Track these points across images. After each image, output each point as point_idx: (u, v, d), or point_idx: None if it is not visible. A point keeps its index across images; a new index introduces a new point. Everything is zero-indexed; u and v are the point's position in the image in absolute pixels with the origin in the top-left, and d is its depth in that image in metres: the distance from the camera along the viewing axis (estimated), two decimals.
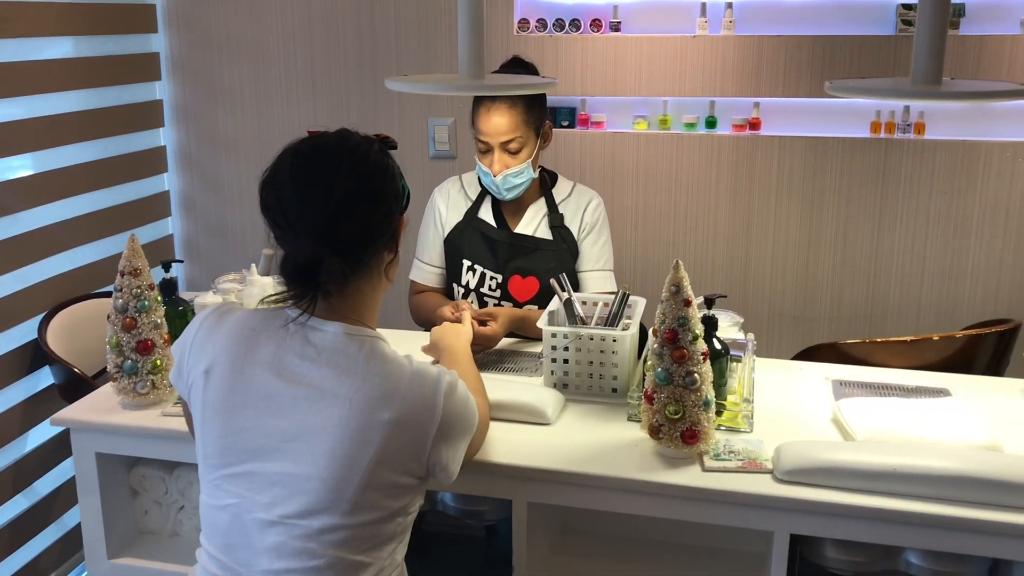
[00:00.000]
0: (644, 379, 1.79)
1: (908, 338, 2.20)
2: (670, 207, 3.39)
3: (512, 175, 2.34)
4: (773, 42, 3.19)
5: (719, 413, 1.83)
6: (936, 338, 2.20)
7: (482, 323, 2.18)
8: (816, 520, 1.60)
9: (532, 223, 2.47)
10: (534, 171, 2.41)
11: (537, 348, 2.29)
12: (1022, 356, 2.00)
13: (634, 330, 2.01)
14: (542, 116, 2.39)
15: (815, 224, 3.28)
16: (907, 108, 3.16)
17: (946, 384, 2.07)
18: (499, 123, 2.30)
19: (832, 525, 1.60)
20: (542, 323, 2.02)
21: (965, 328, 2.46)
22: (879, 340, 2.21)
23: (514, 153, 2.33)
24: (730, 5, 3.20)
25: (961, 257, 3.20)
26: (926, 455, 1.60)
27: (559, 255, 2.43)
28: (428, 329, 2.15)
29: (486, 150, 2.34)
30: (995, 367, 2.33)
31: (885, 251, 3.24)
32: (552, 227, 2.45)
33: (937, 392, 2.02)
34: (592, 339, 1.97)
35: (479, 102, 2.35)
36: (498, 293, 2.45)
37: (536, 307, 2.43)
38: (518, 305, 2.44)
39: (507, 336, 2.32)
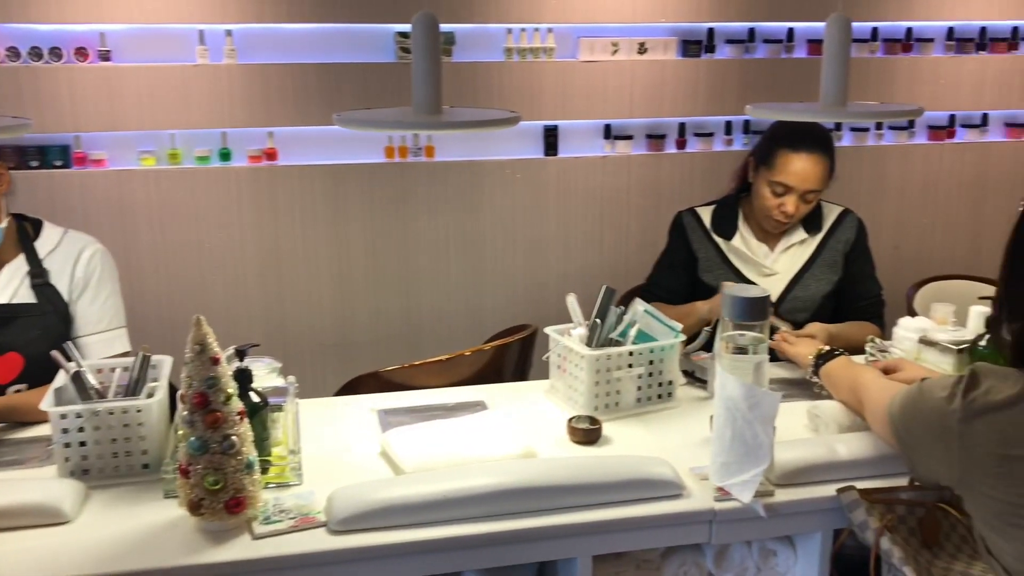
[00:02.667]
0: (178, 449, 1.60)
1: (443, 357, 2.27)
2: (193, 245, 3.18)
3: None
4: (280, 70, 3.13)
5: (265, 471, 1.70)
6: (468, 353, 2.29)
7: None
8: (373, 566, 1.55)
9: (9, 286, 2.09)
10: (1, 221, 2.05)
11: (46, 431, 1.96)
12: (542, 359, 2.15)
13: (161, 395, 1.80)
14: None
15: (344, 251, 3.29)
16: (417, 134, 3.30)
17: (482, 396, 2.16)
18: None
19: (390, 567, 1.56)
20: (46, 404, 1.73)
21: (491, 337, 2.61)
22: (417, 363, 2.25)
23: None
24: (230, 33, 3.08)
25: (480, 270, 3.42)
26: (471, 476, 1.63)
27: (45, 321, 2.08)
28: None
29: None
30: (521, 372, 2.50)
31: (413, 270, 3.36)
32: (35, 287, 2.10)
33: (475, 406, 2.09)
34: (112, 413, 1.73)
35: None
36: None
37: (26, 387, 2.07)
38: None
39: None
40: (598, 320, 2.01)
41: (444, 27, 3.22)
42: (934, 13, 3.61)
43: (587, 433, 1.87)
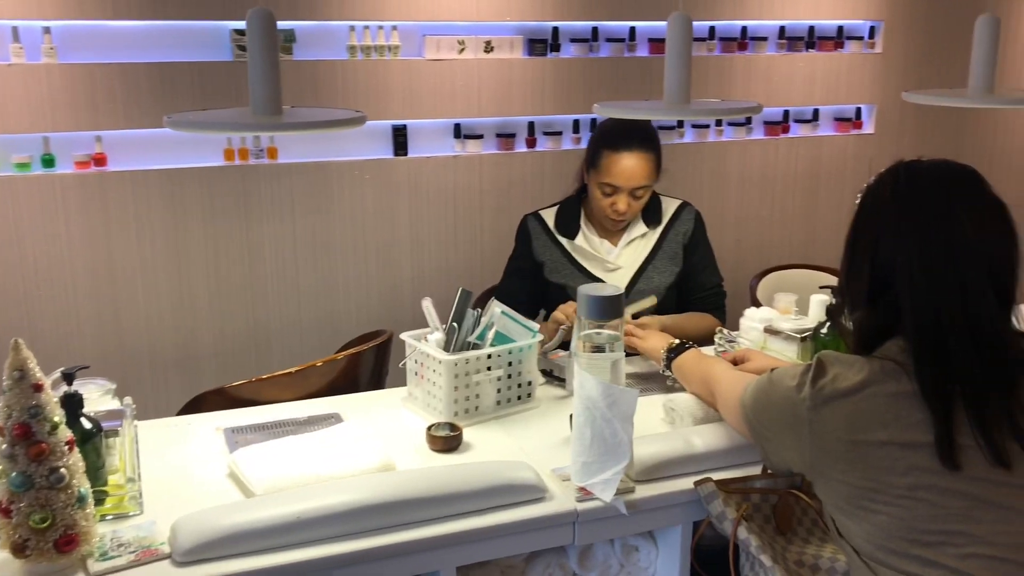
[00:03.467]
0: None
1: (292, 369, 2.17)
2: (16, 261, 2.94)
3: None
4: (106, 70, 2.93)
5: (101, 502, 1.58)
6: (320, 364, 2.20)
7: None
8: None
9: None
10: None
11: None
12: (398, 366, 2.09)
13: None
14: None
15: (184, 259, 3.12)
16: (257, 135, 3.17)
17: (336, 408, 2.08)
18: None
19: None
20: None
21: (344, 346, 2.53)
22: (265, 377, 2.15)
23: None
24: (48, 30, 2.86)
25: (331, 275, 3.31)
26: (325, 494, 1.55)
27: None
28: None
29: None
30: (378, 380, 2.43)
31: (259, 278, 3.22)
32: None
33: (329, 418, 2.01)
34: None
35: None
36: None
37: None
38: None
39: None
40: (455, 324, 1.97)
41: (284, 24, 3.11)
42: (766, 12, 3.75)
43: (447, 441, 1.83)
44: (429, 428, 1.85)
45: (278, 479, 1.65)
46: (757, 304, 2.91)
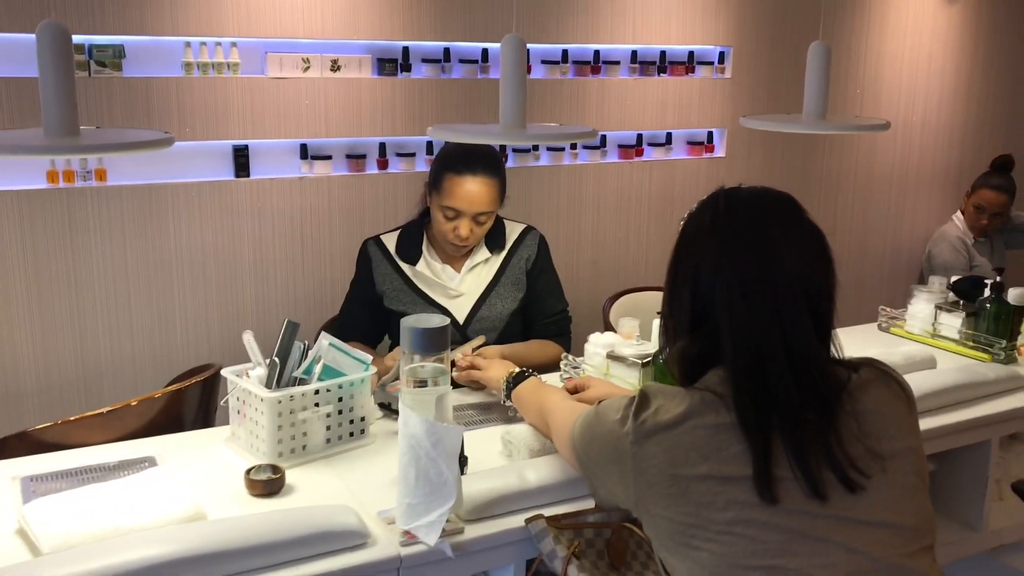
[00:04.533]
0: None
1: (104, 409, 2.01)
2: None
3: None
4: None
5: None
6: (134, 403, 2.04)
7: None
8: None
9: None
10: None
11: None
12: (220, 403, 1.96)
13: None
14: None
15: (1, 289, 2.88)
16: (84, 157, 2.96)
17: (153, 450, 1.92)
18: None
19: None
20: None
21: (173, 380, 2.37)
22: (72, 419, 1.97)
23: None
24: None
25: (167, 305, 3.13)
26: (124, 550, 1.41)
27: None
28: None
29: None
30: (205, 418, 2.28)
31: (88, 308, 3.01)
32: None
33: (142, 463, 1.86)
34: None
35: None
36: None
37: None
38: None
39: None
40: (276, 359, 1.85)
41: (113, 39, 2.92)
42: (618, 37, 3.77)
43: (267, 484, 1.71)
44: (248, 471, 1.73)
45: (71, 534, 1.50)
46: (609, 327, 2.89)
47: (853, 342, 2.52)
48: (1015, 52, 4.87)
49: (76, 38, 2.88)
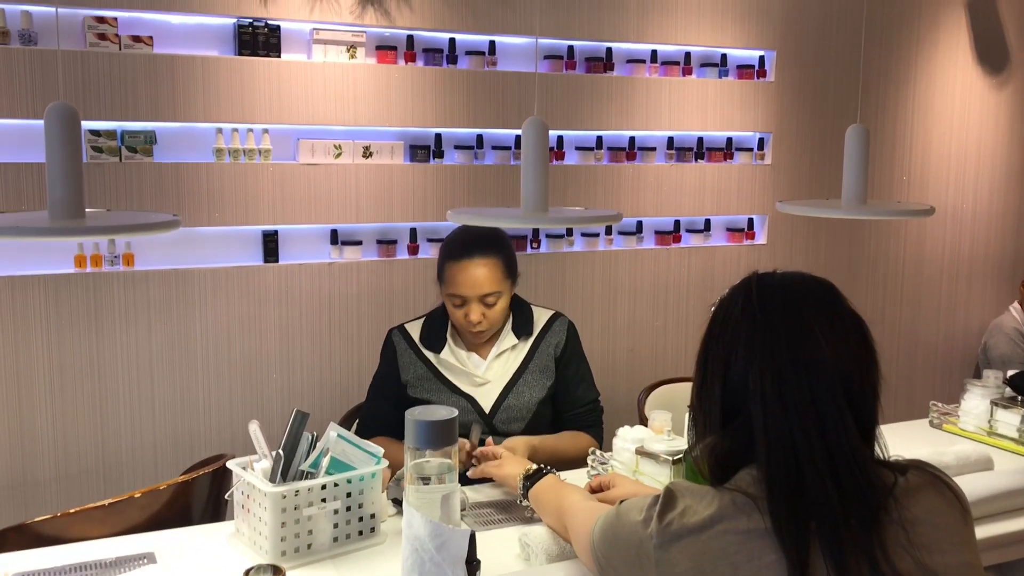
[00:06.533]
0: None
1: (106, 501, 1.92)
2: None
3: None
4: None
5: None
6: (139, 495, 1.95)
7: None
8: None
9: None
10: None
11: None
12: (224, 498, 1.86)
13: None
14: None
15: (24, 373, 2.84)
16: (112, 240, 2.95)
17: (153, 545, 1.83)
18: None
19: None
20: None
21: (185, 470, 2.28)
22: (73, 511, 1.89)
23: None
24: None
25: (191, 392, 3.07)
26: None
27: None
28: None
29: None
30: (215, 511, 2.18)
31: (110, 395, 2.96)
32: None
33: (141, 559, 1.76)
34: None
35: None
36: None
37: None
38: None
39: None
40: (281, 451, 1.75)
41: (145, 125, 2.94)
42: (653, 123, 3.73)
43: None
44: (247, 572, 1.62)
45: None
46: (644, 419, 2.75)
47: (901, 439, 2.38)
48: None
49: (109, 125, 2.90)
